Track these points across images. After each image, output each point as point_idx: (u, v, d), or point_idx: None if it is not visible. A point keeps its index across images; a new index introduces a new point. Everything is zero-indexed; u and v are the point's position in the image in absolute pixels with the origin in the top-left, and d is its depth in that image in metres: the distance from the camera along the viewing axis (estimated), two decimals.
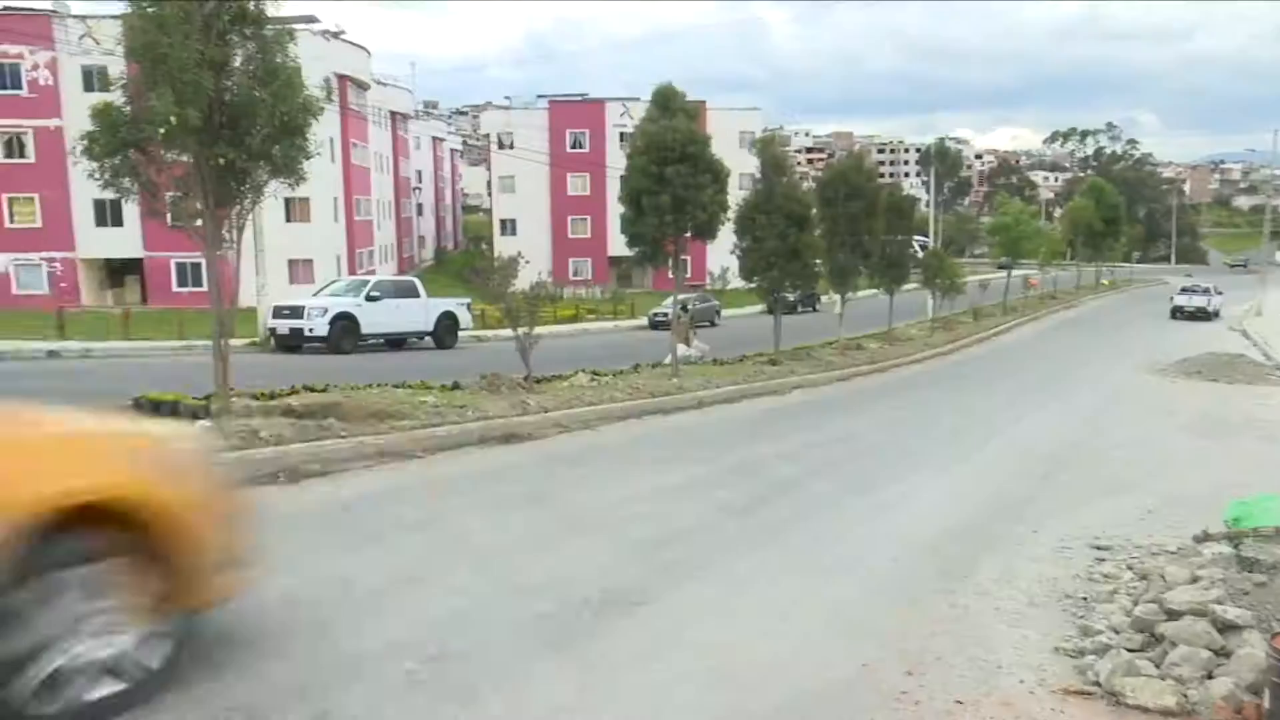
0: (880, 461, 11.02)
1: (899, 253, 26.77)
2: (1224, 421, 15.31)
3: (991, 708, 4.34)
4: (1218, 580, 5.27)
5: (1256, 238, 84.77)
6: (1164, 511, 8.52)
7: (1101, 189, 57.51)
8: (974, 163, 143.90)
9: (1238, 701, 4.19)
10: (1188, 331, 35.22)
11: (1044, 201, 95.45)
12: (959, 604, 5.84)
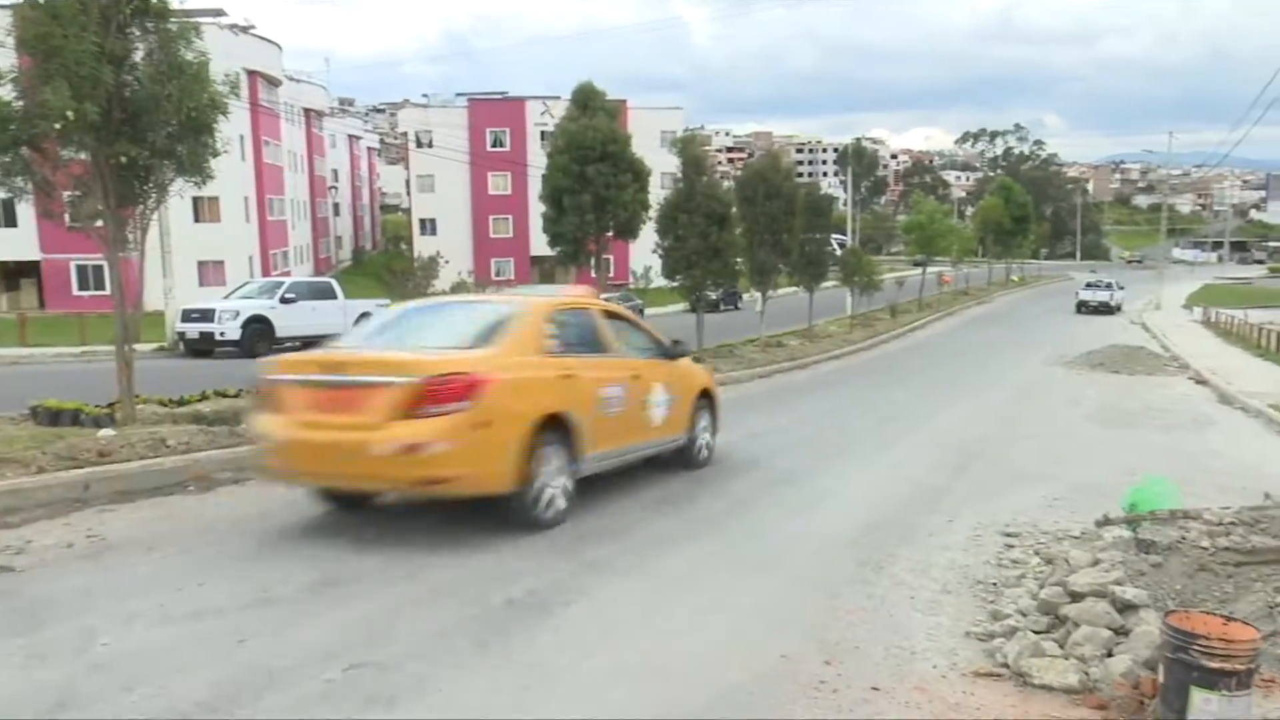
0: (804, 457, 11.18)
1: (818, 251, 27.24)
2: (1125, 411, 15.97)
3: (906, 693, 4.45)
4: (1117, 563, 5.50)
5: (1155, 235, 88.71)
6: (1069, 499, 8.85)
7: (1010, 188, 59.51)
8: (890, 162, 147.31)
9: (1136, 677, 4.38)
10: (1092, 325, 36.70)
11: (956, 200, 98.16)
12: (876, 594, 5.97)
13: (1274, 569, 5.33)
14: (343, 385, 6.61)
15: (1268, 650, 4.66)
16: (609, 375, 8.04)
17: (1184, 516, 5.97)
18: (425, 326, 7.85)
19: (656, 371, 9.01)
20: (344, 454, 6.41)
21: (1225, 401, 17.66)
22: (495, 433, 6.53)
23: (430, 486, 6.55)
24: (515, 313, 7.56)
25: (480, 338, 7.10)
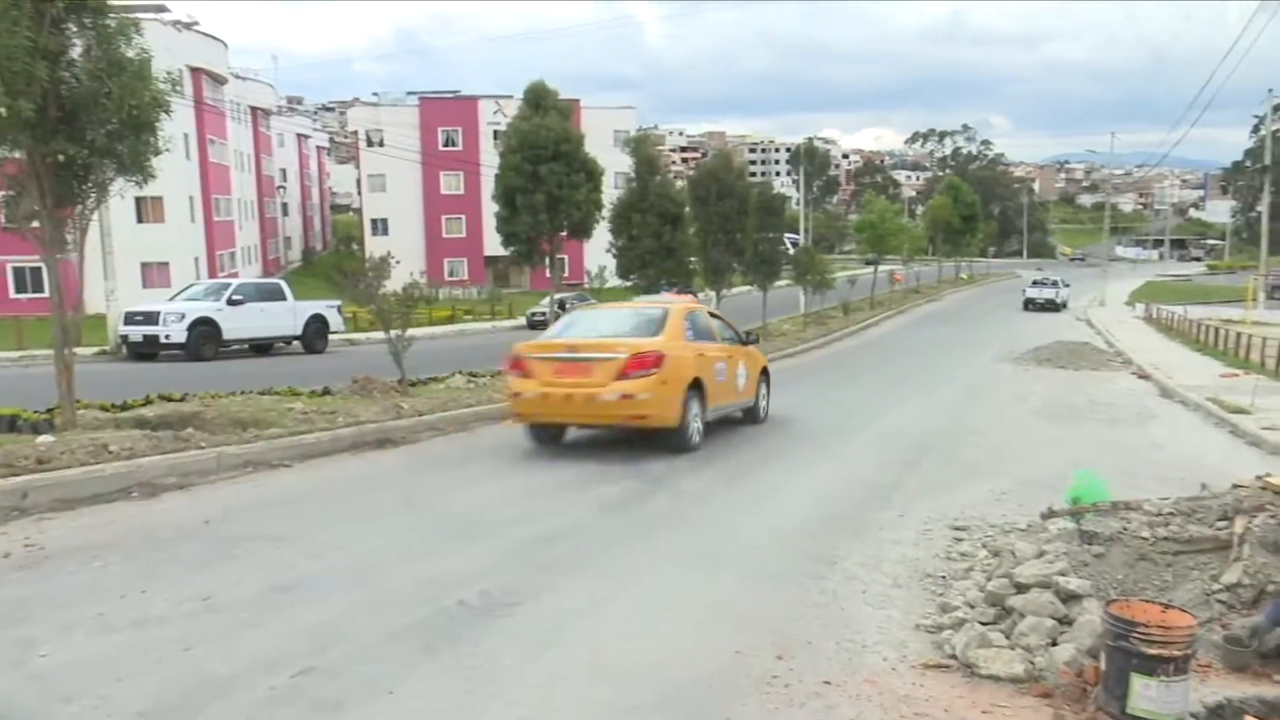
0: (753, 454, 11.22)
1: (771, 250, 27.48)
2: (1071, 406, 16.30)
3: (857, 686, 4.50)
4: (1061, 554, 5.61)
5: (1099, 233, 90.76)
6: (1017, 492, 9.00)
7: (958, 188, 60.50)
8: (841, 162, 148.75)
9: (1079, 665, 4.47)
10: (1039, 322, 37.44)
11: (907, 200, 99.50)
12: (829, 589, 6.03)
13: (1210, 557, 5.48)
14: (577, 360, 10.12)
15: (1204, 636, 4.79)
16: (717, 355, 11.44)
17: (1125, 508, 6.11)
18: (609, 321, 11.27)
19: (739, 354, 12.31)
20: (579, 402, 9.96)
21: (1166, 395, 18.10)
22: (669, 389, 10.08)
23: (635, 420, 10.18)
24: (667, 313, 11.01)
25: (651, 329, 10.62)
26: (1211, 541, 5.54)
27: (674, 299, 13.71)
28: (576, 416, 10.46)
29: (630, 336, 10.48)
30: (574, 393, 10.02)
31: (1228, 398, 16.12)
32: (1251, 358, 22.52)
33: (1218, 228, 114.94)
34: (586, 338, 10.64)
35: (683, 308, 11.62)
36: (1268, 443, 12.43)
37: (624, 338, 10.43)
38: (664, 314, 10.99)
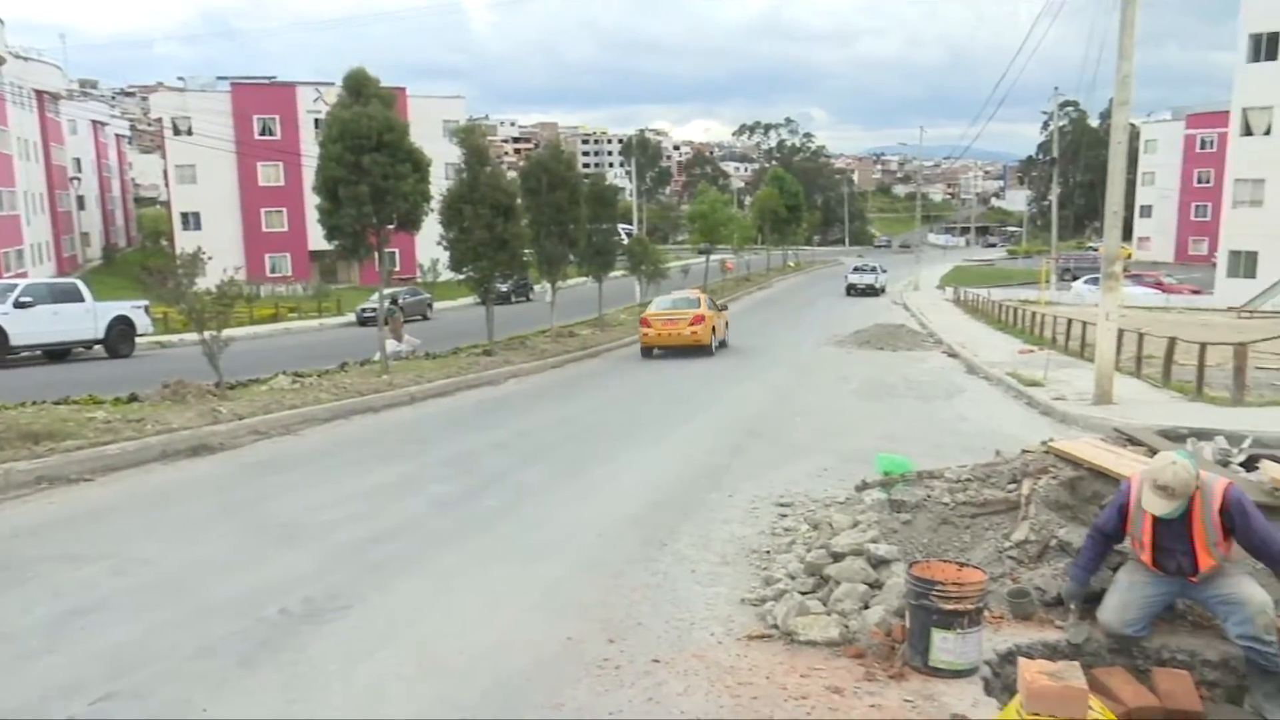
0: (590, 444, 11.35)
1: (605, 240, 27.62)
2: (888, 385, 17.26)
3: (685, 661, 4.63)
4: (873, 523, 5.96)
5: (913, 221, 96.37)
6: (838, 468, 9.46)
7: (784, 178, 62.82)
8: (673, 153, 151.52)
9: (888, 625, 4.77)
10: (860, 306, 39.38)
11: (736, 190, 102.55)
12: (659, 571, 6.17)
13: (1002, 518, 5.96)
14: (673, 318, 21.84)
15: (998, 590, 5.21)
16: (716, 316, 22.90)
17: (930, 476, 6.55)
18: (677, 303, 22.80)
19: (721, 315, 23.71)
20: (674, 335, 21.58)
21: (972, 372, 19.46)
22: (705, 330, 21.60)
23: (695, 342, 21.44)
24: (700, 299, 22.99)
25: (696, 306, 22.41)
26: (1003, 503, 6.02)
27: (699, 294, 24.38)
28: (673, 341, 21.84)
29: (688, 309, 22.32)
30: (673, 331, 21.76)
31: (1024, 372, 17.51)
32: (1045, 335, 24.51)
33: (1017, 215, 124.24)
34: (673, 309, 22.62)
35: (703, 296, 23.94)
36: (1057, 411, 13.59)
37: (687, 309, 22.31)
38: (699, 299, 23.21)
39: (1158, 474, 4.38)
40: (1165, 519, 4.47)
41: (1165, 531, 4.52)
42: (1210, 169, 62.09)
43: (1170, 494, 4.32)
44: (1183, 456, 4.54)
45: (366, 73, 16.19)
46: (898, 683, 4.30)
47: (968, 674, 4.35)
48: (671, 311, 22.12)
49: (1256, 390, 15.18)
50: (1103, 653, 4.81)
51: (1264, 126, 38.54)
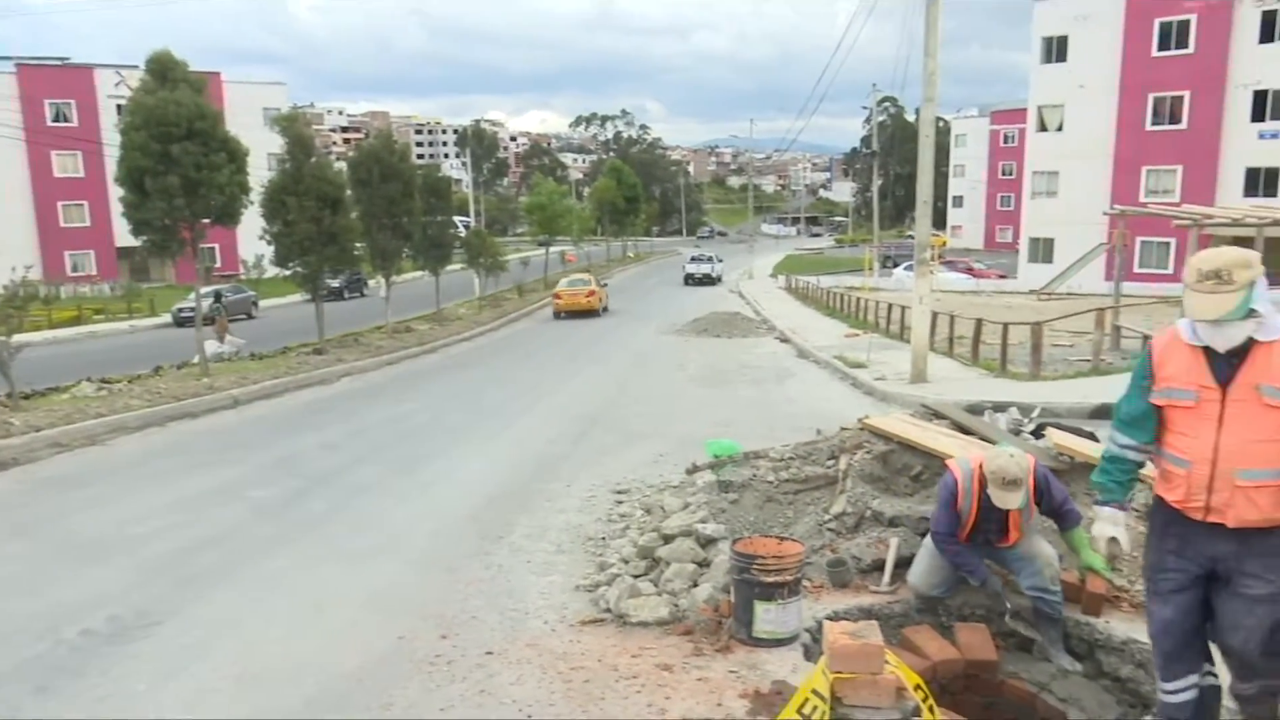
0: (427, 441, 11.13)
1: (441, 233, 27.09)
2: (723, 371, 17.77)
3: (518, 651, 4.64)
4: (703, 504, 6.14)
5: (746, 211, 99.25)
6: (674, 453, 9.67)
7: (621, 170, 63.34)
8: (510, 144, 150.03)
9: (715, 601, 4.93)
10: (697, 295, 40.25)
11: (574, 181, 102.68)
12: (494, 564, 6.14)
13: (822, 493, 6.27)
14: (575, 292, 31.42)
15: (818, 561, 5.48)
16: (602, 290, 32.83)
17: (755, 457, 6.80)
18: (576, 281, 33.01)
19: (603, 290, 33.22)
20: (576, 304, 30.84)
21: (802, 356, 20.31)
22: (596, 300, 31.19)
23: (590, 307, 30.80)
24: (590, 278, 33.53)
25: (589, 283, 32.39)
26: (823, 479, 6.33)
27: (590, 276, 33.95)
28: (573, 308, 30.36)
29: (584, 286, 31.44)
30: (579, 301, 30.50)
31: (850, 354, 18.42)
32: (869, 319, 25.84)
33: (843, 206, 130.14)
34: (573, 287, 31.52)
35: (593, 278, 33.48)
36: (879, 391, 14.37)
37: (583, 287, 31.41)
38: (590, 279, 32.71)
39: (1004, 471, 4.50)
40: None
41: (987, 515, 4.82)
42: (1013, 162, 66.80)
43: (1017, 485, 4.57)
44: (1007, 447, 4.87)
45: (173, 55, 15.17)
46: (724, 655, 4.46)
47: (789, 642, 4.55)
48: (573, 288, 31.85)
49: (1051, 366, 16.55)
50: (912, 613, 5.14)
51: (1056, 123, 41.88)
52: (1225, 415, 2.94)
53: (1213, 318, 2.90)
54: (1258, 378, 2.90)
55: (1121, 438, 3.35)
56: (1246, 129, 36.30)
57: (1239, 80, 36.19)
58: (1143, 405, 3.22)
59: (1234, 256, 2.92)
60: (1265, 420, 2.87)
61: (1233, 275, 2.86)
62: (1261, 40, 35.53)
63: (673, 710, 3.90)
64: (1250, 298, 2.89)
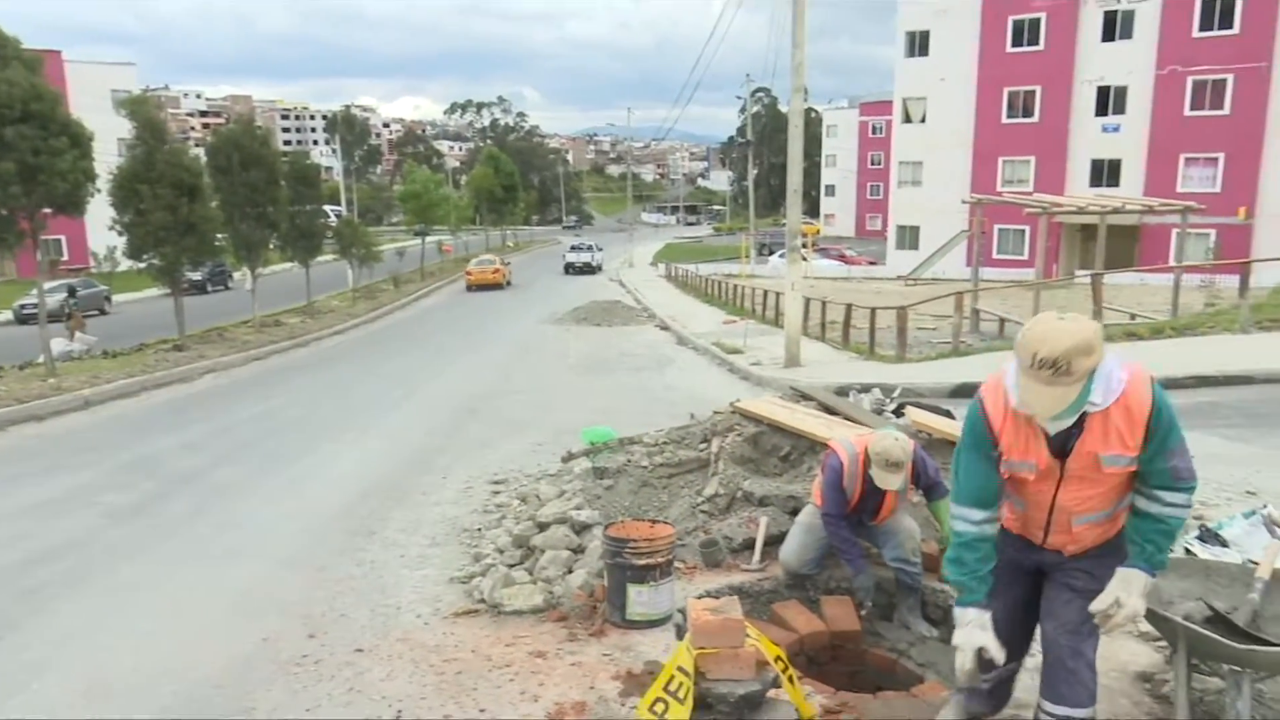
0: (296, 437, 10.76)
1: (310, 223, 26.16)
2: (603, 359, 17.84)
3: (390, 646, 4.55)
4: (578, 491, 6.16)
5: (626, 200, 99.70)
6: (552, 442, 9.64)
7: (498, 158, 62.49)
8: (382, 131, 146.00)
9: (590, 587, 4.96)
10: (578, 284, 40.25)
11: (450, 170, 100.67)
12: (366, 560, 6.00)
13: (696, 475, 6.38)
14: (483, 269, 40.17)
15: (691, 543, 5.58)
16: (507, 269, 41.64)
17: (631, 443, 6.86)
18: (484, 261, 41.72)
19: (507, 267, 41.66)
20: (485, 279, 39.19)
21: (682, 343, 20.57)
22: (501, 276, 39.84)
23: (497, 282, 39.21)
24: (496, 259, 42.30)
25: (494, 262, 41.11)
26: (696, 462, 6.44)
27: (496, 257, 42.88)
28: (483, 283, 38.61)
29: (490, 265, 40.39)
30: (488, 278, 39.00)
31: (727, 341, 18.79)
32: (746, 306, 26.38)
33: (721, 195, 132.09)
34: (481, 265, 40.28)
35: (498, 258, 42.48)
36: (754, 375, 14.71)
37: (490, 265, 40.36)
38: (495, 260, 41.47)
39: (889, 454, 4.62)
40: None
41: (868, 495, 4.98)
42: (881, 152, 69.16)
43: (900, 467, 4.73)
44: (891, 431, 5.04)
45: (3, 32, 14.10)
46: (598, 639, 4.49)
47: (662, 623, 4.62)
48: (481, 267, 40.12)
49: (916, 348, 17.29)
50: (781, 589, 5.29)
51: (920, 115, 43.63)
52: (1064, 480, 2.85)
53: (1048, 416, 2.66)
54: (1095, 447, 2.72)
55: (975, 513, 2.97)
56: (1091, 122, 38.68)
57: (1084, 76, 38.52)
58: (994, 477, 2.93)
59: (1076, 342, 2.53)
60: (1101, 481, 2.82)
61: (1072, 365, 2.52)
62: (1104, 39, 37.91)
63: (546, 696, 3.91)
64: (1089, 390, 2.61)
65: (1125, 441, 2.69)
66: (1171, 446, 2.72)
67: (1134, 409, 2.67)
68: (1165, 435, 2.70)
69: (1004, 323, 21.59)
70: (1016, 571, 3.10)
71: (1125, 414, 2.67)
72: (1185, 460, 2.78)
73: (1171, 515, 2.83)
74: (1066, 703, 3.02)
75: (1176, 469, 2.76)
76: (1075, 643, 3.00)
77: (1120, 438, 2.69)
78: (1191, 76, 36.00)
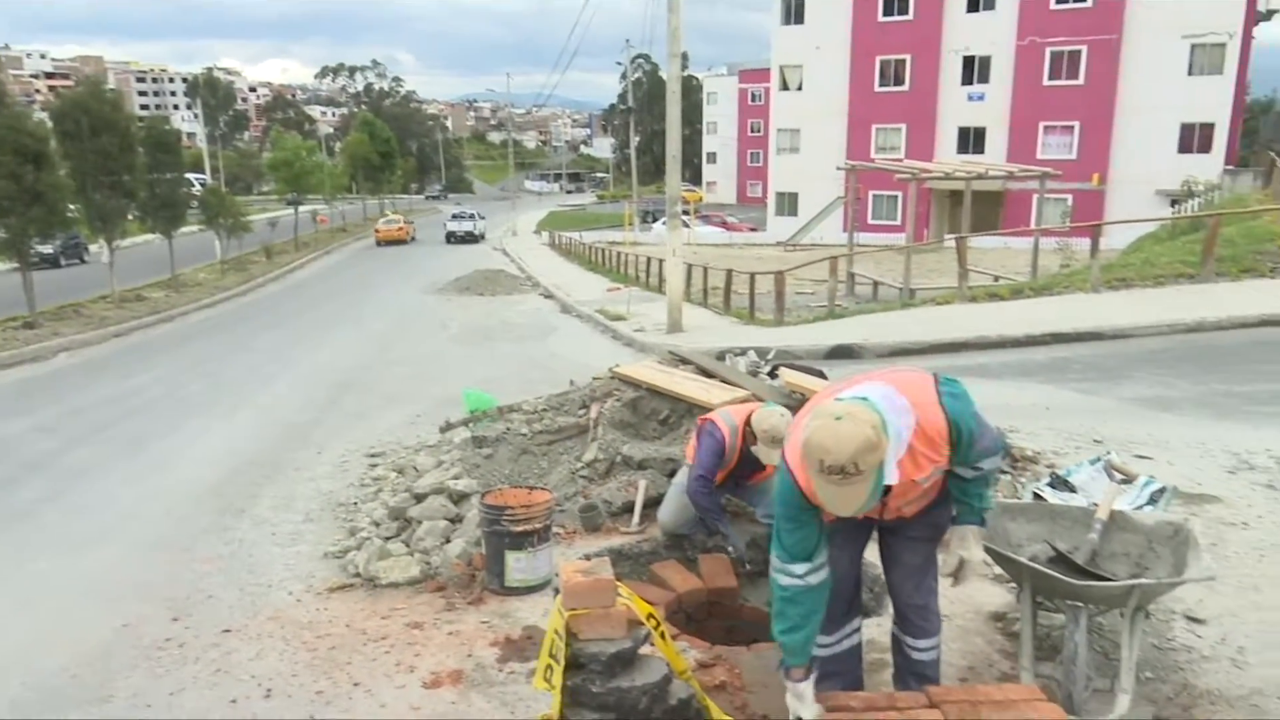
0: (160, 417, 10.26)
1: (171, 192, 24.83)
2: (486, 329, 17.63)
3: (260, 625, 4.43)
4: (456, 460, 6.10)
5: (508, 168, 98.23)
6: (432, 413, 9.46)
7: (374, 124, 60.55)
8: (249, 95, 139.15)
9: (468, 556, 4.94)
10: (460, 254, 39.52)
11: (324, 136, 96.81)
12: (235, 539, 5.80)
13: (575, 441, 6.40)
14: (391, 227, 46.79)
15: (571, 508, 5.61)
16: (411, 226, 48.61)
17: (510, 411, 6.82)
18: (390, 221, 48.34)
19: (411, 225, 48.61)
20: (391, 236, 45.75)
21: (566, 311, 20.52)
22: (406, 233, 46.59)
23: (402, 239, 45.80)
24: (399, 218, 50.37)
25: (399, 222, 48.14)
26: (575, 428, 6.46)
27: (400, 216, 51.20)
28: (390, 239, 45.16)
29: (396, 224, 47.11)
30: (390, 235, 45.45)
31: (611, 308, 18.84)
32: (630, 273, 26.47)
33: (604, 162, 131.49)
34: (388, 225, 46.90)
35: (401, 217, 50.72)
36: (638, 342, 14.81)
37: (396, 224, 47.07)
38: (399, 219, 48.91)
39: (775, 431, 4.60)
40: None
41: (743, 466, 5.06)
42: (761, 120, 70.13)
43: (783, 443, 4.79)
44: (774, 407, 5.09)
45: None
46: (477, 608, 4.47)
47: (541, 588, 4.64)
48: (388, 225, 46.15)
49: (795, 312, 17.74)
50: (660, 550, 5.38)
51: (797, 82, 44.40)
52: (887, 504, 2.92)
53: (850, 513, 2.67)
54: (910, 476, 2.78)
55: (799, 568, 2.88)
56: (958, 91, 40.17)
57: (951, 46, 39.90)
58: (813, 534, 2.88)
59: (858, 445, 2.52)
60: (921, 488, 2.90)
61: (860, 465, 2.52)
62: (969, 9, 39.31)
63: (422, 666, 3.88)
64: (882, 477, 2.61)
65: (933, 459, 2.79)
66: (975, 439, 2.83)
67: (933, 435, 2.75)
68: (967, 435, 2.80)
69: (878, 286, 22.37)
70: (857, 529, 3.22)
71: (926, 441, 2.75)
72: (989, 436, 2.92)
73: (988, 473, 3.01)
74: (927, 634, 3.25)
75: (984, 449, 2.90)
76: (923, 580, 3.22)
77: (928, 459, 2.78)
78: (1049, 47, 37.80)
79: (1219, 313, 11.82)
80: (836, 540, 3.08)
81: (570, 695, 3.02)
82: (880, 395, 2.74)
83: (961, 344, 11.76)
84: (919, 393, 2.79)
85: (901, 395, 2.75)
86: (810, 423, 2.66)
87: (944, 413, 2.76)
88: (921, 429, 2.73)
